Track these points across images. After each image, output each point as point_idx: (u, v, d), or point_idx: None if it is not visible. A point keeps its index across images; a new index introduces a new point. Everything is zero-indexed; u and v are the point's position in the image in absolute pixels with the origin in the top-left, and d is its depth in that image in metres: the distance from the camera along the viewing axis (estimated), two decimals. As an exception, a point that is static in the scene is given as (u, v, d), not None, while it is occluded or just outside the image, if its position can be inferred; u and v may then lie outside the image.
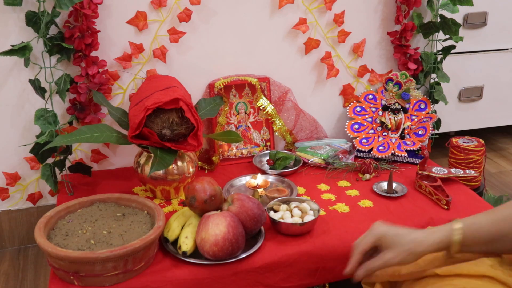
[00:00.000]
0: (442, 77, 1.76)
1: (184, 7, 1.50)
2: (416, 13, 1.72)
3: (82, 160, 1.56)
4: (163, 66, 1.56)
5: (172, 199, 1.40)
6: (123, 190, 1.40)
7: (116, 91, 1.54)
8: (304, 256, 1.16)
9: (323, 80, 1.74)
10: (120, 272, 1.04)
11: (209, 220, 1.09)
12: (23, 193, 1.56)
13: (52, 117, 1.37)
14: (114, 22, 1.47)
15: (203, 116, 1.51)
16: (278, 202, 1.29)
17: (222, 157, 1.64)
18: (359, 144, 1.65)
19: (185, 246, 1.11)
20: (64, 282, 1.06)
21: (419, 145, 1.60)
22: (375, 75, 1.78)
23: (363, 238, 0.96)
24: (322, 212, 1.31)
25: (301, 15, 1.63)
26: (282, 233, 1.21)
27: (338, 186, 1.47)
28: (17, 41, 1.36)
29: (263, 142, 1.69)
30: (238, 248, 1.10)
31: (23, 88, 1.45)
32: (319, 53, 1.70)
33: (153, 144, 1.28)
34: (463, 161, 1.61)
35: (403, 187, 1.43)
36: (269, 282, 1.14)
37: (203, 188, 1.16)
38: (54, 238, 1.10)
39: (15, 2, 1.30)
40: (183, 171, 1.36)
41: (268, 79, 1.65)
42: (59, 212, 1.17)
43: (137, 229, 1.13)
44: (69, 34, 1.37)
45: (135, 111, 1.28)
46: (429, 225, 1.25)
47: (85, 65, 1.42)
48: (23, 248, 1.59)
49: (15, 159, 1.51)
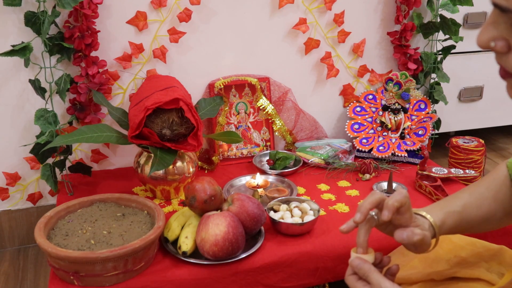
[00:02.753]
0: (442, 77, 1.76)
1: (184, 7, 1.50)
2: (416, 13, 1.72)
3: (82, 160, 1.56)
4: (163, 66, 1.56)
5: (172, 199, 1.40)
6: (123, 190, 1.40)
7: (116, 91, 1.54)
8: (304, 256, 1.16)
9: (323, 80, 1.74)
10: (120, 272, 1.04)
11: (209, 220, 1.09)
12: (23, 193, 1.56)
13: (52, 117, 1.37)
14: (114, 22, 1.47)
15: (203, 116, 1.51)
16: (278, 202, 1.29)
17: (222, 157, 1.64)
18: (359, 144, 1.65)
19: (185, 246, 1.11)
20: (64, 282, 1.06)
21: (419, 145, 1.60)
22: (375, 75, 1.78)
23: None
24: (322, 212, 1.31)
25: (301, 15, 1.63)
26: (282, 233, 1.21)
27: (338, 186, 1.48)
28: (17, 41, 1.36)
29: (263, 142, 1.69)
30: (238, 248, 1.10)
31: (23, 88, 1.45)
32: (319, 53, 1.70)
33: (153, 144, 1.28)
34: (463, 161, 1.61)
35: (403, 187, 1.43)
36: (269, 282, 1.15)
37: (203, 188, 1.16)
38: (54, 238, 1.10)
39: (14, 3, 1.30)
40: (183, 171, 1.36)
41: (268, 79, 1.65)
42: (59, 212, 1.17)
43: (137, 229, 1.13)
44: (69, 34, 1.37)
45: (135, 111, 1.28)
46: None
47: (85, 65, 1.42)
48: (23, 248, 1.59)
49: (15, 159, 1.51)
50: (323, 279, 1.20)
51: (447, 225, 0.89)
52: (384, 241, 1.22)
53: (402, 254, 1.16)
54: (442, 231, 0.88)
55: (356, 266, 0.81)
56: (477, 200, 0.92)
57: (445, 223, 0.88)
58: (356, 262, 0.81)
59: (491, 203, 0.91)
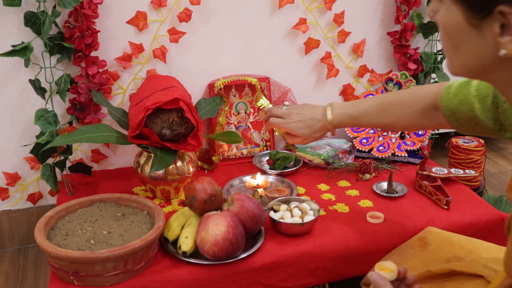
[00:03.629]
0: (442, 77, 1.76)
1: (184, 7, 1.50)
2: (416, 13, 1.72)
3: (82, 160, 1.56)
4: (163, 66, 1.56)
5: (172, 199, 1.40)
6: (123, 190, 1.39)
7: (116, 91, 1.54)
8: (304, 256, 1.16)
9: (323, 80, 1.74)
10: (120, 272, 1.04)
11: (209, 220, 1.09)
12: (23, 193, 1.56)
13: (52, 117, 1.37)
14: (114, 22, 1.47)
15: (203, 116, 1.51)
16: (278, 202, 1.29)
17: (222, 157, 1.64)
18: (359, 144, 1.65)
19: (185, 246, 1.11)
20: (64, 282, 1.06)
21: (419, 145, 1.60)
22: (375, 75, 1.78)
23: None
24: (322, 212, 1.31)
25: (301, 15, 1.63)
26: (282, 233, 1.21)
27: (338, 186, 1.47)
28: (17, 41, 1.36)
29: (263, 142, 1.69)
30: (238, 248, 1.10)
31: (23, 88, 1.45)
32: (319, 53, 1.70)
33: (153, 144, 1.28)
34: (463, 161, 1.61)
35: (403, 187, 1.43)
36: (269, 282, 1.14)
37: (203, 188, 1.16)
38: (54, 238, 1.10)
39: (14, 3, 1.30)
40: (183, 171, 1.36)
41: (268, 79, 1.65)
42: (59, 212, 1.17)
43: (137, 229, 1.13)
44: (69, 34, 1.37)
45: (135, 111, 1.28)
46: (429, 225, 1.25)
47: (85, 65, 1.42)
48: (23, 248, 1.59)
49: (15, 159, 1.51)
50: (323, 279, 1.20)
51: (343, 124, 1.18)
52: (384, 241, 1.22)
53: (401, 254, 1.17)
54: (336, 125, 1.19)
55: (374, 280, 0.85)
56: (389, 115, 1.13)
57: (341, 123, 1.18)
58: (374, 277, 0.86)
59: (404, 120, 1.11)
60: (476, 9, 0.63)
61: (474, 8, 0.63)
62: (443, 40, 0.71)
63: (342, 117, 1.16)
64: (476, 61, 0.68)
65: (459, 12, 0.65)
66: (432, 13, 0.71)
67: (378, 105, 1.13)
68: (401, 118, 1.11)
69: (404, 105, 1.10)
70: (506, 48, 0.63)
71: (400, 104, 1.11)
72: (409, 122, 1.11)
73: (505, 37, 0.62)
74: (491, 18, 0.62)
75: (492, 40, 0.64)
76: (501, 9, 0.60)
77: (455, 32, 0.67)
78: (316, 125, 1.18)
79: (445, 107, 1.00)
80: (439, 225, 1.26)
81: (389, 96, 1.16)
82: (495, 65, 0.66)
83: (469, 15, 0.64)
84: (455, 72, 0.73)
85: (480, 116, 0.93)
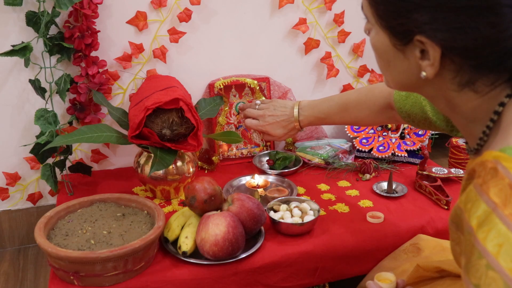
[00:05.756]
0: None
1: (184, 7, 1.50)
2: (416, 13, 1.72)
3: (82, 160, 1.56)
4: (163, 66, 1.56)
5: (172, 199, 1.40)
6: (123, 190, 1.40)
7: (116, 91, 1.54)
8: (304, 256, 1.16)
9: (323, 80, 1.74)
10: (120, 272, 1.04)
11: (209, 220, 1.09)
12: (23, 193, 1.56)
13: (52, 117, 1.37)
14: (114, 22, 1.47)
15: (203, 116, 1.51)
16: (278, 202, 1.29)
17: (222, 157, 1.64)
18: (359, 144, 1.65)
19: (185, 246, 1.11)
20: (64, 282, 1.06)
21: (419, 145, 1.60)
22: (375, 75, 1.78)
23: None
24: (322, 212, 1.31)
25: (301, 15, 1.63)
26: (282, 233, 1.21)
27: (338, 186, 1.48)
28: (17, 41, 1.36)
29: (263, 142, 1.69)
30: (238, 248, 1.10)
31: (23, 88, 1.45)
32: (319, 53, 1.70)
33: (153, 144, 1.28)
34: (463, 161, 1.61)
35: (403, 187, 1.43)
36: (269, 282, 1.14)
37: (203, 188, 1.16)
38: (54, 238, 1.10)
39: (15, 2, 1.30)
40: (183, 171, 1.36)
41: (268, 79, 1.65)
42: (59, 212, 1.17)
43: (137, 229, 1.13)
44: (69, 34, 1.37)
45: (135, 111, 1.28)
46: (429, 225, 1.25)
47: (85, 65, 1.42)
48: (23, 248, 1.59)
49: (15, 159, 1.51)
50: (323, 279, 1.20)
51: (311, 124, 1.28)
52: (382, 241, 1.23)
53: (395, 259, 1.18)
54: (305, 126, 1.29)
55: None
56: (350, 115, 1.22)
57: (310, 123, 1.28)
58: (371, 286, 0.90)
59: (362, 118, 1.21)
60: (398, 37, 0.71)
61: (397, 35, 0.71)
62: (376, 58, 0.78)
63: (310, 119, 1.27)
64: (405, 79, 0.75)
65: (386, 36, 0.73)
66: (367, 31, 0.78)
67: (339, 106, 1.23)
68: (362, 118, 1.20)
69: (363, 105, 1.19)
70: (425, 71, 0.70)
71: (359, 105, 1.19)
72: (369, 121, 1.21)
73: (425, 61, 0.69)
74: (412, 44, 0.69)
75: (415, 63, 0.71)
76: (418, 38, 0.67)
77: (384, 53, 0.75)
78: (290, 125, 1.29)
79: (399, 109, 1.08)
80: (439, 225, 1.26)
81: (349, 96, 1.23)
82: (421, 82, 0.73)
83: (394, 41, 0.72)
84: (390, 86, 0.80)
85: (432, 118, 1.01)
